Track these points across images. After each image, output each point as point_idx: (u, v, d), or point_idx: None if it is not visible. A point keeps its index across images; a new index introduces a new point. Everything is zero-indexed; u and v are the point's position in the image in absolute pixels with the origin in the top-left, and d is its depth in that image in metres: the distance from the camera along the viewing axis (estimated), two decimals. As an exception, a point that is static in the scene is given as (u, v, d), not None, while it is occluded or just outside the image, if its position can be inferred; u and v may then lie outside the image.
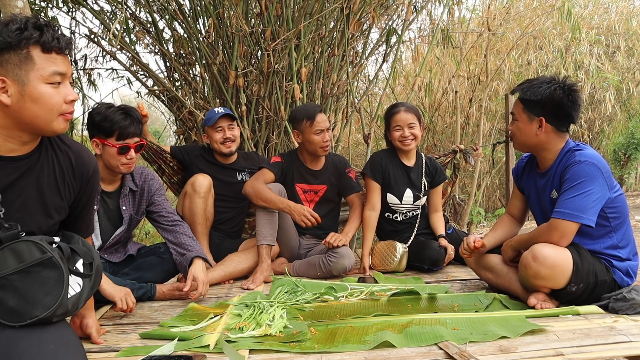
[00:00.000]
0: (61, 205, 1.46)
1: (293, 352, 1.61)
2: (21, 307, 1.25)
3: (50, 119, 1.30)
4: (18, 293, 1.25)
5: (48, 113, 1.29)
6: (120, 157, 2.24)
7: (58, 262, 1.30)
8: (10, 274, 1.25)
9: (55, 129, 1.33)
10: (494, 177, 7.43)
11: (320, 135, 2.81)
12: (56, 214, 1.44)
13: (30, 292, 1.26)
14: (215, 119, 2.98)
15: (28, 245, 1.29)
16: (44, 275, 1.28)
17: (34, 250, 1.28)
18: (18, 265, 1.26)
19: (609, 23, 7.70)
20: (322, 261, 2.71)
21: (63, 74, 1.31)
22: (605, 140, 9.44)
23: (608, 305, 1.90)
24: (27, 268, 1.26)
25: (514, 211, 2.35)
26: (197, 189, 2.82)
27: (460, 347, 1.56)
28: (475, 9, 7.28)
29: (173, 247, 2.40)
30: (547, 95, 1.97)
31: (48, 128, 1.32)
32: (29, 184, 1.37)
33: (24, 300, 1.25)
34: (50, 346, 1.18)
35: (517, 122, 2.09)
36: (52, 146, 1.43)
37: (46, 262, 1.28)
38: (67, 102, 1.32)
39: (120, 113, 2.24)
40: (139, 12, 4.22)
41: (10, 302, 1.25)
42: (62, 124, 1.33)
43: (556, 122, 2.01)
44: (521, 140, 2.10)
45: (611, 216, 1.97)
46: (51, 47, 1.28)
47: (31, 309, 1.26)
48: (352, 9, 3.78)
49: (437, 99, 6.58)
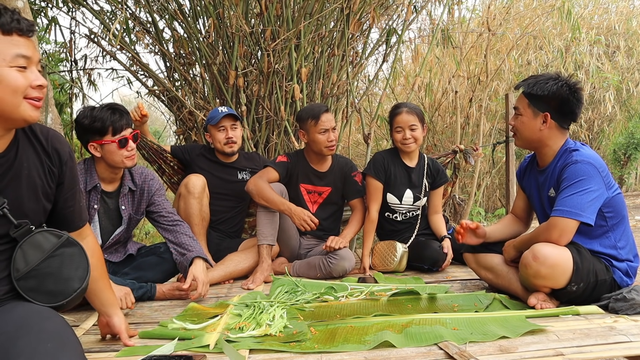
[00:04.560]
0: (51, 193, 1.45)
1: (293, 352, 1.61)
2: (61, 286, 1.38)
3: (16, 103, 1.25)
4: (53, 276, 1.38)
5: (12, 95, 1.24)
6: (121, 150, 2.24)
7: (73, 239, 1.43)
8: (40, 263, 1.36)
9: (24, 116, 1.27)
10: (494, 177, 7.43)
11: (324, 135, 2.80)
12: (48, 203, 1.45)
13: (64, 271, 1.39)
14: (218, 118, 2.97)
15: (42, 235, 1.39)
16: (68, 253, 1.41)
17: (50, 237, 1.40)
18: (43, 254, 1.37)
19: (609, 23, 7.71)
20: (322, 262, 2.71)
21: (27, 57, 1.26)
22: (605, 140, 9.45)
23: (608, 305, 1.90)
24: (52, 253, 1.38)
25: (517, 211, 2.36)
26: (191, 189, 2.81)
27: (460, 347, 1.56)
28: (475, 9, 7.28)
29: (173, 247, 2.40)
30: (554, 91, 1.99)
31: (16, 114, 1.26)
32: (18, 182, 1.35)
33: (60, 280, 1.39)
34: (47, 345, 1.17)
35: (521, 117, 2.09)
36: (27, 137, 1.40)
37: (65, 242, 1.41)
38: (34, 87, 1.27)
39: (106, 110, 2.24)
40: (139, 12, 4.23)
41: (49, 286, 1.37)
42: (30, 111, 1.28)
43: (560, 119, 2.03)
44: (524, 136, 2.10)
45: (608, 216, 1.98)
46: (11, 28, 1.23)
47: (70, 284, 1.40)
48: (352, 9, 3.78)
49: (437, 99, 6.58)
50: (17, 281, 1.34)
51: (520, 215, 2.34)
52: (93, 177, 2.28)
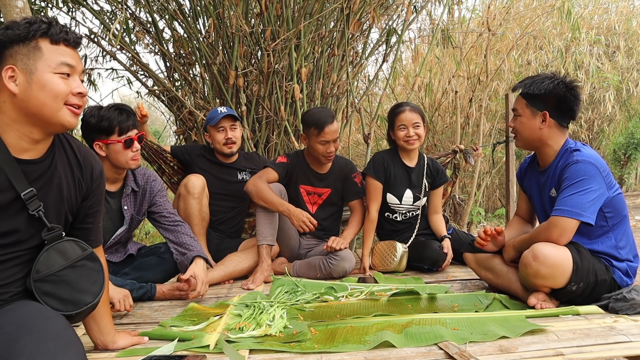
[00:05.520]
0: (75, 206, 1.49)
1: (293, 352, 1.61)
2: (74, 296, 1.41)
3: (57, 108, 1.30)
4: (69, 285, 1.41)
5: (53, 100, 1.30)
6: (126, 151, 2.26)
7: (96, 255, 1.49)
8: (60, 270, 1.40)
9: (62, 121, 1.32)
10: (494, 177, 7.44)
11: (324, 146, 2.78)
12: (71, 215, 1.48)
13: (80, 283, 1.43)
14: (218, 119, 2.97)
15: (70, 244, 1.44)
16: (88, 267, 1.46)
17: (75, 248, 1.45)
18: (65, 262, 1.41)
19: (609, 23, 7.70)
20: (322, 263, 2.71)
21: (72, 66, 1.33)
22: (605, 140, 9.45)
23: (608, 305, 1.91)
24: (74, 263, 1.43)
25: (521, 213, 2.38)
26: (191, 190, 2.81)
27: (460, 347, 1.56)
28: (475, 9, 7.29)
29: (174, 247, 2.41)
30: (551, 89, 2.01)
31: (55, 119, 1.31)
32: (49, 188, 1.39)
33: (75, 290, 1.42)
34: (49, 344, 1.18)
35: (520, 118, 2.10)
36: (62, 147, 1.45)
37: (88, 256, 1.47)
38: (75, 94, 1.33)
39: (114, 110, 2.25)
40: (139, 12, 4.23)
41: (63, 293, 1.40)
42: (69, 117, 1.33)
43: (559, 117, 2.04)
44: (524, 136, 2.11)
45: (609, 215, 1.98)
46: (59, 38, 1.31)
47: (84, 297, 1.43)
48: (352, 9, 3.78)
49: (437, 99, 6.58)
50: (35, 282, 1.36)
51: (525, 217, 2.36)
52: (96, 177, 2.29)
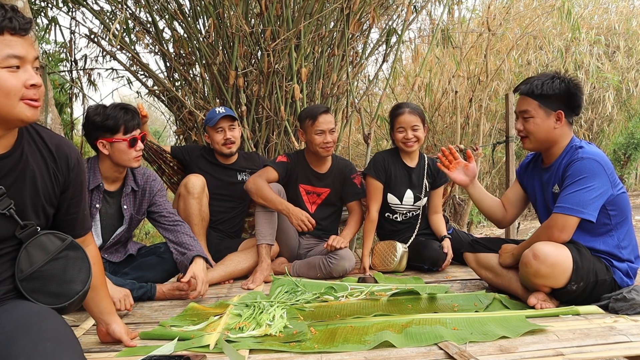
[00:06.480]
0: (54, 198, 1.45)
1: (293, 352, 1.61)
2: (63, 288, 1.39)
3: (11, 105, 1.22)
4: (56, 278, 1.38)
5: (5, 98, 1.20)
6: (131, 150, 2.26)
7: (77, 243, 1.45)
8: (44, 265, 1.37)
9: (21, 117, 1.24)
10: (494, 177, 7.44)
11: (321, 136, 2.80)
12: (50, 207, 1.44)
13: (67, 274, 1.40)
14: (216, 120, 2.97)
15: (48, 237, 1.40)
16: (71, 256, 1.43)
17: (54, 240, 1.41)
18: (47, 256, 1.37)
19: (608, 23, 7.71)
20: (322, 262, 2.71)
21: (20, 57, 1.21)
22: (605, 140, 9.45)
23: (608, 305, 1.90)
24: (56, 256, 1.39)
25: (505, 201, 2.37)
26: (191, 190, 2.81)
27: (460, 347, 1.56)
28: (475, 9, 7.28)
29: (174, 247, 2.41)
30: (564, 88, 2.02)
31: (12, 115, 1.23)
32: (22, 183, 1.34)
33: (63, 282, 1.39)
34: (47, 344, 1.17)
35: (533, 119, 2.06)
36: (32, 139, 1.38)
37: (69, 245, 1.43)
38: (28, 87, 1.23)
39: (119, 109, 2.26)
40: (139, 12, 4.23)
41: (52, 287, 1.37)
42: (27, 111, 1.25)
43: (570, 114, 2.06)
44: (539, 137, 2.07)
45: (612, 214, 1.98)
46: (2, 27, 1.19)
47: (73, 287, 1.41)
48: (352, 9, 3.78)
49: (437, 99, 6.58)
50: (21, 282, 1.34)
51: (506, 205, 2.35)
52: (96, 176, 2.29)
